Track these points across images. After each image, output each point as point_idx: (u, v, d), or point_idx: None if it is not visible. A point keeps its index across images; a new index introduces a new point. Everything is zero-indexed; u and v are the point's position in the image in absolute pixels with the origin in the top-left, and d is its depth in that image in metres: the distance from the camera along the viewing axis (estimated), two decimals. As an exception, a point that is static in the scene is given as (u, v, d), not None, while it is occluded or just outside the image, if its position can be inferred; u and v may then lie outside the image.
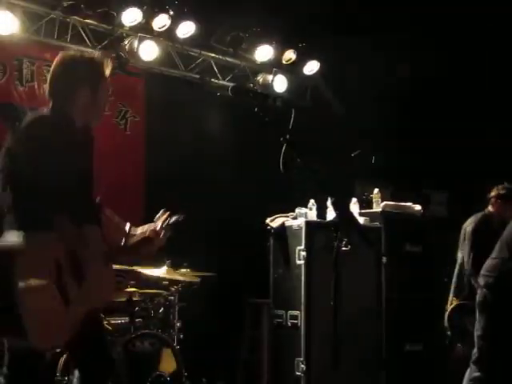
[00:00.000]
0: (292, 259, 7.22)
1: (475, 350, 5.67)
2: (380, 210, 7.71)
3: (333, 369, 6.42)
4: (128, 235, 3.97)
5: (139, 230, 4.05)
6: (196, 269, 6.60)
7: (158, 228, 4.00)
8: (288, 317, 7.23)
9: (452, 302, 6.86)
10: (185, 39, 7.87)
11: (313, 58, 8.60)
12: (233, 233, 7.78)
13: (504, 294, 5.49)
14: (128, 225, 3.99)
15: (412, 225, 7.80)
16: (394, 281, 7.54)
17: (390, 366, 7.40)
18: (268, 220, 7.50)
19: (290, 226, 7.35)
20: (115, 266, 5.91)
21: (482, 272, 5.66)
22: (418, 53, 8.58)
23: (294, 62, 8.49)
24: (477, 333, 5.63)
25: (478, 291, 5.73)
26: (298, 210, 7.43)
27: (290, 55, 8.43)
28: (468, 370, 5.96)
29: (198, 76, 8.24)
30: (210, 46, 8.19)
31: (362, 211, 7.70)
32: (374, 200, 7.82)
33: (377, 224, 7.62)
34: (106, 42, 7.56)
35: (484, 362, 5.55)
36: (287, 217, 7.48)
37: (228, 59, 8.39)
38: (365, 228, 7.41)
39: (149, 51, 7.56)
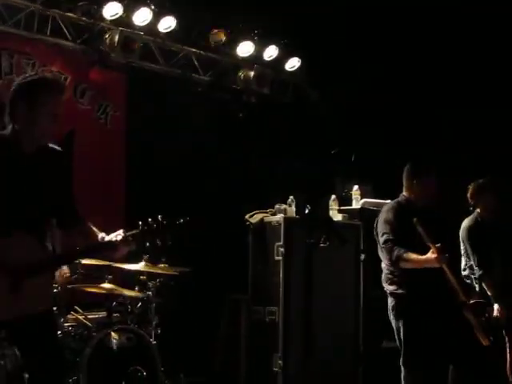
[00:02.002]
0: (270, 255, 7.24)
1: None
2: (359, 207, 7.74)
3: (306, 356, 6.54)
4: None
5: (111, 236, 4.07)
6: (174, 264, 6.59)
7: (120, 238, 4.00)
8: (266, 313, 7.26)
9: None
10: (166, 34, 7.85)
11: (294, 55, 8.61)
12: (211, 229, 7.76)
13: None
14: (102, 234, 4.08)
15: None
16: (372, 278, 7.55)
17: (367, 363, 7.44)
18: (247, 216, 7.50)
19: (269, 222, 7.36)
20: (93, 262, 6.04)
21: None
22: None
23: (275, 59, 8.50)
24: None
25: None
26: (277, 207, 7.44)
27: (271, 52, 8.43)
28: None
29: (179, 71, 8.22)
30: (191, 41, 8.18)
31: (342, 208, 7.73)
32: (353, 197, 7.85)
33: (356, 221, 7.65)
34: (86, 36, 7.53)
35: None
36: (266, 213, 7.49)
37: (209, 54, 8.38)
38: (343, 225, 7.48)
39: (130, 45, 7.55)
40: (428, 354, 5.41)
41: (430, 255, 5.26)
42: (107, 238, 4.05)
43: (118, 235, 4.01)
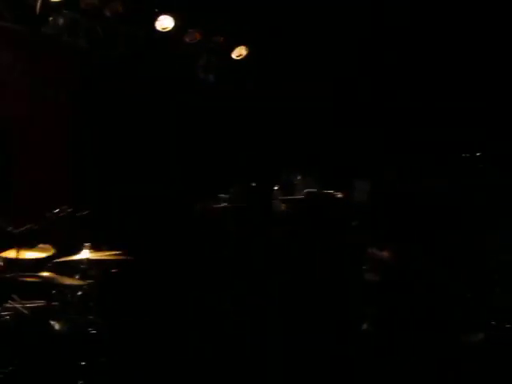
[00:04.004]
0: (215, 243, 7.24)
1: None
2: (303, 196, 7.77)
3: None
4: None
5: None
6: (117, 252, 6.54)
7: None
8: (214, 299, 7.27)
9: None
10: (110, 17, 7.73)
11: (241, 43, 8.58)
12: (155, 217, 7.73)
13: None
14: None
15: (334, 212, 7.89)
16: (315, 266, 7.63)
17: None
18: (191, 205, 7.49)
19: (215, 211, 7.36)
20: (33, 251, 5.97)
21: None
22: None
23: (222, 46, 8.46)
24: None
25: None
26: (221, 195, 7.44)
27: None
28: None
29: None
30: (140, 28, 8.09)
31: (285, 198, 7.75)
32: (297, 187, 7.88)
33: (299, 211, 7.69)
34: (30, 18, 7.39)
35: None
36: (210, 201, 7.49)
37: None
38: (286, 214, 7.53)
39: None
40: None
41: (386, 254, 5.36)
42: None
43: None
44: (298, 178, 7.91)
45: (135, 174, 7.85)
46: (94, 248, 6.30)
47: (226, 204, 7.30)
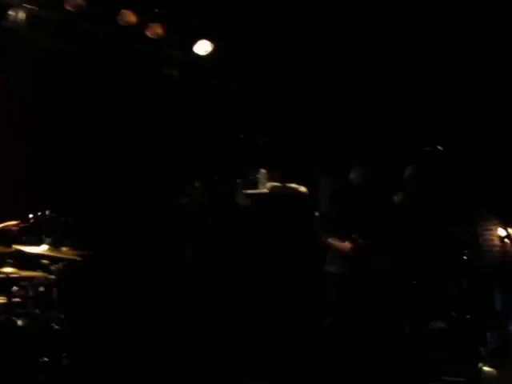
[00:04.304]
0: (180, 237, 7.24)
1: None
2: (266, 190, 7.79)
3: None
4: None
5: None
6: (78, 248, 6.50)
7: None
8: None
9: None
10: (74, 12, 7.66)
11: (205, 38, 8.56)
12: (118, 212, 7.69)
13: None
14: None
15: (298, 206, 7.92)
16: (278, 261, 7.66)
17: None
18: (156, 200, 7.47)
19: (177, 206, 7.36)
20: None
21: None
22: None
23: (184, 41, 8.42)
24: None
25: None
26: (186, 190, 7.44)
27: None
28: None
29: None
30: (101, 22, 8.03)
31: (249, 192, 7.77)
32: (260, 181, 7.90)
33: (263, 204, 7.71)
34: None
35: None
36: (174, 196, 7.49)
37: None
38: (250, 209, 7.56)
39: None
40: (354, 337, 5.49)
41: (346, 244, 5.37)
42: None
43: None
44: (262, 172, 7.92)
45: (102, 168, 7.81)
46: (56, 243, 6.27)
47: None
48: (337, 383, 5.55)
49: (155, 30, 8.01)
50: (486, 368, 6.00)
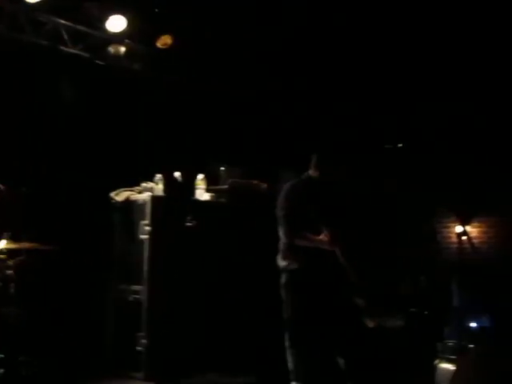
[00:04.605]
0: (136, 234, 7.19)
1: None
2: (227, 186, 7.79)
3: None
4: None
5: None
6: (37, 242, 6.44)
7: None
8: (131, 292, 7.21)
9: None
10: (34, 4, 7.58)
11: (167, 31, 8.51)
12: (76, 206, 7.63)
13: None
14: None
15: (258, 201, 7.92)
16: (239, 256, 7.67)
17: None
18: (112, 194, 7.41)
19: (135, 201, 7.30)
20: None
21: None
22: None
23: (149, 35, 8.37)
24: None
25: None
26: (143, 185, 7.39)
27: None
28: None
29: (46, 42, 7.96)
30: (60, 12, 7.94)
31: (210, 187, 7.75)
32: (221, 177, 7.89)
33: (223, 201, 7.71)
34: None
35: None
36: (132, 191, 7.42)
37: (79, 27, 8.16)
38: (211, 204, 7.56)
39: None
40: (313, 331, 5.48)
41: (323, 237, 5.38)
42: None
43: None
44: (223, 167, 7.91)
45: (55, 162, 7.73)
46: (14, 237, 6.20)
47: (149, 194, 7.23)
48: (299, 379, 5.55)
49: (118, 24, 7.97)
50: (442, 364, 6.05)
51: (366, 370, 5.53)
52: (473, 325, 6.37)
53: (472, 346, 6.02)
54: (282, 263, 5.66)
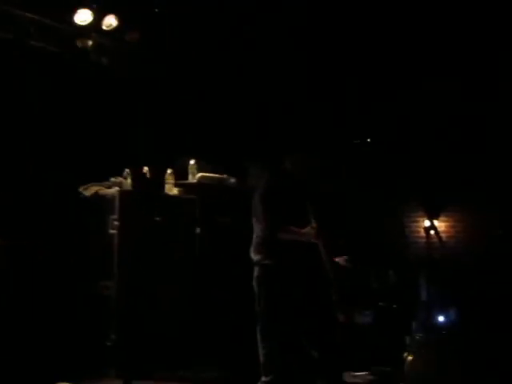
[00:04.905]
0: (105, 228, 7.14)
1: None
2: (196, 181, 7.78)
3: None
4: None
5: None
6: (4, 238, 6.37)
7: None
8: (100, 287, 7.17)
9: None
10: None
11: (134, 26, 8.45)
12: (43, 201, 7.54)
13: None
14: None
15: (226, 196, 7.93)
16: (208, 251, 7.67)
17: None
18: (81, 188, 7.35)
19: (104, 196, 7.25)
20: None
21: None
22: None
23: (114, 29, 8.29)
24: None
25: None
26: (112, 179, 7.35)
27: (110, 21, 8.21)
28: None
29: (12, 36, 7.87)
30: (27, 5, 7.84)
31: (178, 182, 7.74)
32: (190, 171, 7.87)
33: (192, 195, 7.70)
34: None
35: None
36: (101, 186, 7.38)
37: (46, 21, 8.07)
38: (179, 199, 7.54)
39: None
40: (285, 324, 5.49)
41: (309, 230, 5.39)
42: None
43: None
44: (192, 162, 7.89)
45: (23, 157, 7.64)
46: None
47: (117, 188, 7.19)
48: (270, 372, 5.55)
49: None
50: (410, 357, 6.10)
51: (337, 361, 5.57)
52: (440, 319, 6.42)
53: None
54: (255, 257, 5.66)
